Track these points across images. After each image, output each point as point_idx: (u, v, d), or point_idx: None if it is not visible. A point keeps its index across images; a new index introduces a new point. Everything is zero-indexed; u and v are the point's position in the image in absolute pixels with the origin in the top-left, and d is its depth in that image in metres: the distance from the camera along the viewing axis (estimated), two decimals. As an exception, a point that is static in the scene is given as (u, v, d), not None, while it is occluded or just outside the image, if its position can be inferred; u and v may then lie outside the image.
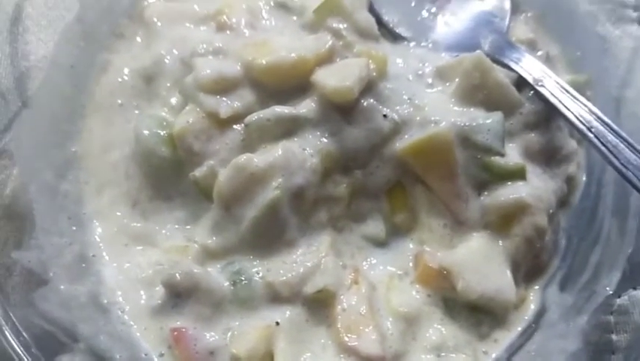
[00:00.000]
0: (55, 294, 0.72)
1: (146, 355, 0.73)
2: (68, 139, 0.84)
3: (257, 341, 0.72)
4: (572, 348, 0.73)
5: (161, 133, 0.80)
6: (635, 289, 0.76)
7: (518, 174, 0.78)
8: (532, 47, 0.89)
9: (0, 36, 0.80)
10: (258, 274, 0.76)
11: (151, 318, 0.75)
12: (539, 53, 0.89)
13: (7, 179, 0.77)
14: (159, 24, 0.87)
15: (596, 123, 0.75)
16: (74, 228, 0.80)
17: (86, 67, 0.87)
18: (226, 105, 0.78)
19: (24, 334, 0.67)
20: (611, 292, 0.75)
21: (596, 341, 0.75)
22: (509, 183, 0.78)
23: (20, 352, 0.66)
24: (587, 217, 0.83)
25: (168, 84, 0.84)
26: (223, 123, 0.79)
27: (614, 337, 0.75)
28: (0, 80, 0.80)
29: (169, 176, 0.81)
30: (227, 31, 0.85)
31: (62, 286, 0.73)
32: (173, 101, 0.83)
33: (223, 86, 0.79)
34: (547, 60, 0.88)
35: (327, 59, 0.80)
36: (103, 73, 0.87)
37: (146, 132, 0.80)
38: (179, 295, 0.74)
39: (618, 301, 0.76)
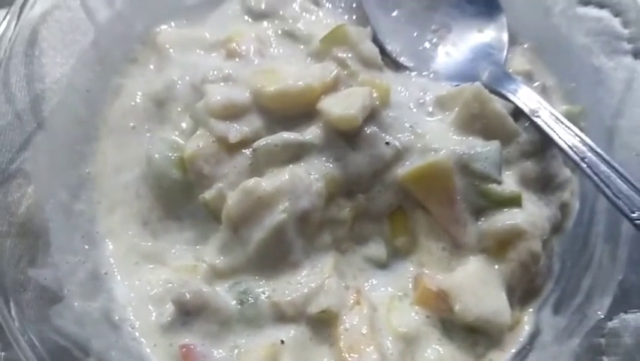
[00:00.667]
0: (69, 310, 0.75)
1: None
2: (82, 160, 0.86)
3: (263, 358, 0.74)
4: None
5: (172, 156, 0.83)
6: (626, 313, 0.78)
7: (514, 202, 0.81)
8: (528, 78, 0.91)
9: (16, 58, 0.82)
10: (264, 293, 0.78)
11: (160, 335, 0.77)
12: (536, 84, 0.91)
13: (21, 197, 0.79)
14: (171, 50, 0.90)
15: (589, 154, 0.78)
16: (87, 246, 0.82)
17: (101, 91, 0.89)
18: (235, 130, 0.81)
19: (40, 348, 0.69)
20: (602, 316, 0.77)
21: None
22: (506, 209, 0.80)
23: (36, 366, 0.68)
24: (579, 243, 0.85)
25: (179, 108, 0.87)
26: (232, 148, 0.81)
27: (605, 359, 0.76)
28: (16, 101, 0.82)
29: (179, 197, 0.83)
30: (237, 59, 0.88)
31: (76, 303, 0.76)
32: (184, 125, 0.86)
33: (232, 112, 0.82)
34: (543, 91, 0.90)
35: (332, 87, 0.82)
36: (116, 97, 0.90)
37: (157, 155, 0.83)
38: (189, 313, 0.76)
39: (610, 324, 0.78)
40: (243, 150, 0.81)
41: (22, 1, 0.82)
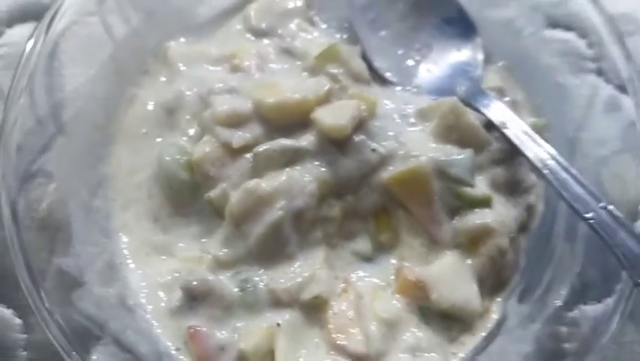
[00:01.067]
0: (89, 295, 0.82)
1: (165, 349, 0.82)
2: (100, 162, 0.92)
3: (261, 338, 0.80)
4: (526, 350, 0.82)
5: (181, 159, 0.89)
6: (585, 304, 0.83)
7: (485, 203, 0.87)
8: (500, 93, 0.96)
9: (38, 69, 0.88)
10: (263, 282, 0.84)
11: (170, 318, 0.84)
12: (506, 98, 0.96)
13: (43, 195, 0.86)
14: (180, 64, 0.96)
15: (550, 162, 0.85)
16: (104, 239, 0.89)
17: (117, 99, 0.95)
18: (238, 137, 0.87)
19: (65, 327, 0.76)
20: (560, 305, 0.83)
21: (550, 348, 0.83)
22: (477, 210, 0.87)
23: (63, 342, 0.75)
24: (543, 241, 0.91)
25: (187, 117, 0.93)
26: (235, 152, 0.87)
27: (566, 345, 0.83)
28: (37, 108, 0.88)
29: (187, 196, 0.89)
30: (240, 73, 0.94)
31: (95, 288, 0.83)
32: (191, 131, 0.92)
33: (236, 121, 0.88)
34: (513, 105, 0.95)
35: (325, 99, 0.89)
36: (130, 105, 0.95)
37: (167, 158, 0.89)
38: (195, 298, 0.83)
39: (570, 314, 0.84)
40: (245, 155, 0.87)
41: (50, 17, 0.88)
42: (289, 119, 0.89)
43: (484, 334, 0.86)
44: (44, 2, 1.05)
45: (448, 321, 0.86)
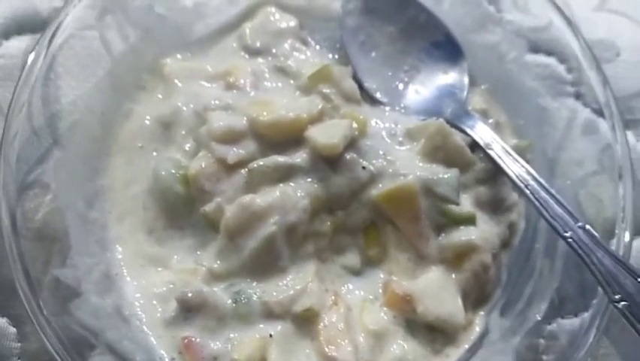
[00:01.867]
0: (86, 304, 0.83)
1: (160, 358, 0.84)
2: (96, 174, 0.93)
3: (254, 349, 0.82)
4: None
5: (177, 173, 0.90)
6: (562, 318, 0.87)
7: (470, 220, 0.90)
8: (484, 115, 0.99)
9: (37, 82, 0.89)
10: (256, 294, 0.86)
11: (164, 328, 0.85)
12: (490, 120, 0.99)
13: (39, 206, 0.87)
14: (176, 80, 0.97)
15: (531, 182, 0.88)
16: (101, 250, 0.90)
17: (113, 113, 0.96)
18: (233, 153, 0.89)
19: (62, 336, 0.77)
20: (540, 319, 0.87)
21: (530, 360, 0.86)
22: (462, 227, 0.90)
23: (60, 351, 0.77)
24: (524, 257, 0.94)
25: (183, 132, 0.94)
26: (230, 168, 0.89)
27: (544, 357, 0.86)
28: (33, 119, 0.89)
29: (181, 209, 0.91)
30: (235, 90, 0.96)
31: (92, 298, 0.84)
32: (187, 146, 0.93)
33: (231, 137, 0.90)
34: (497, 127, 0.99)
35: (318, 118, 0.91)
36: (127, 119, 0.97)
37: (163, 172, 0.91)
38: (190, 309, 0.84)
39: (548, 327, 0.87)
40: (240, 170, 0.89)
41: (52, 32, 0.90)
42: (283, 137, 0.91)
43: (467, 346, 0.89)
44: (42, 15, 1.07)
45: (433, 333, 0.88)
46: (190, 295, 0.84)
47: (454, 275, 0.90)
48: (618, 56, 1.11)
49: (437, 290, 0.88)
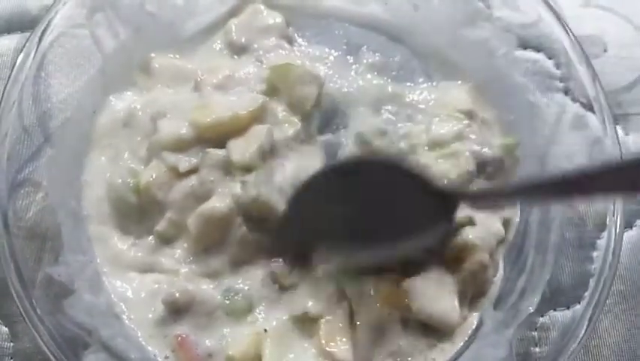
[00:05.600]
0: (80, 302, 0.82)
1: (155, 356, 0.84)
2: (82, 171, 0.93)
3: (248, 345, 0.82)
4: (501, 355, 0.85)
5: (130, 183, 0.89)
6: (555, 310, 0.88)
7: (468, 223, 0.90)
8: (470, 116, 0.97)
9: (27, 80, 0.89)
10: (246, 287, 0.85)
11: (154, 327, 0.84)
12: (479, 117, 0.98)
13: (30, 204, 0.87)
14: (158, 75, 0.96)
15: None
16: (90, 248, 0.89)
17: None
18: (185, 161, 0.86)
19: (56, 335, 0.77)
20: (532, 311, 0.87)
21: (523, 352, 0.87)
22: (461, 229, 0.89)
23: (54, 349, 0.76)
24: (516, 251, 0.94)
25: (139, 138, 0.92)
26: (182, 175, 0.87)
27: (537, 349, 0.87)
28: (24, 117, 0.89)
29: (136, 218, 0.89)
30: (197, 93, 0.92)
31: (85, 296, 0.84)
32: (142, 152, 0.91)
33: (181, 145, 0.87)
34: (483, 125, 0.97)
35: (259, 114, 0.88)
36: (101, 113, 0.95)
37: (119, 180, 0.89)
38: (179, 310, 0.84)
39: (541, 320, 0.87)
40: (191, 176, 0.87)
41: (42, 31, 0.89)
42: (229, 136, 0.87)
43: (461, 340, 0.90)
44: (31, 13, 1.07)
45: (429, 329, 0.88)
46: (177, 295, 0.83)
47: (452, 275, 0.89)
48: (606, 52, 1.13)
49: (434, 289, 0.87)
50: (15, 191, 0.86)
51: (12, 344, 0.90)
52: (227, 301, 0.85)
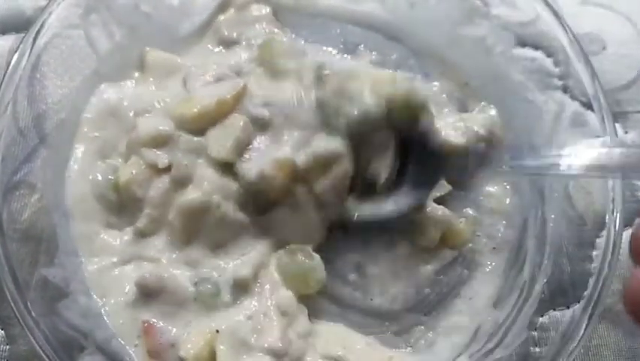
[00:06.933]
0: (75, 304, 0.82)
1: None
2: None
3: (202, 348, 0.80)
4: (501, 355, 0.85)
5: (112, 180, 0.89)
6: (554, 310, 0.87)
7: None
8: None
9: (22, 81, 0.89)
10: (220, 276, 0.85)
11: (124, 310, 0.83)
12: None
13: (25, 206, 0.87)
14: (151, 70, 0.95)
15: None
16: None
17: None
18: (163, 158, 0.86)
19: (51, 337, 0.77)
20: (532, 311, 0.87)
21: (522, 352, 0.86)
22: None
23: (49, 352, 0.76)
24: (515, 251, 0.94)
25: (121, 132, 0.91)
26: (161, 171, 0.86)
27: (537, 349, 0.87)
28: (19, 119, 0.89)
29: (117, 213, 0.89)
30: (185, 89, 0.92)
31: (80, 298, 0.83)
32: (122, 148, 0.91)
33: (160, 141, 0.87)
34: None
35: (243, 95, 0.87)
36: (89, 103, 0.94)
37: (99, 177, 0.89)
38: (150, 294, 0.83)
39: (541, 319, 0.87)
40: (170, 172, 0.86)
41: (36, 31, 0.89)
42: (209, 126, 0.87)
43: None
44: (26, 14, 1.06)
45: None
46: (148, 276, 0.83)
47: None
48: (604, 50, 1.12)
49: None
50: (10, 193, 0.86)
51: (8, 346, 0.89)
52: (196, 290, 0.84)
